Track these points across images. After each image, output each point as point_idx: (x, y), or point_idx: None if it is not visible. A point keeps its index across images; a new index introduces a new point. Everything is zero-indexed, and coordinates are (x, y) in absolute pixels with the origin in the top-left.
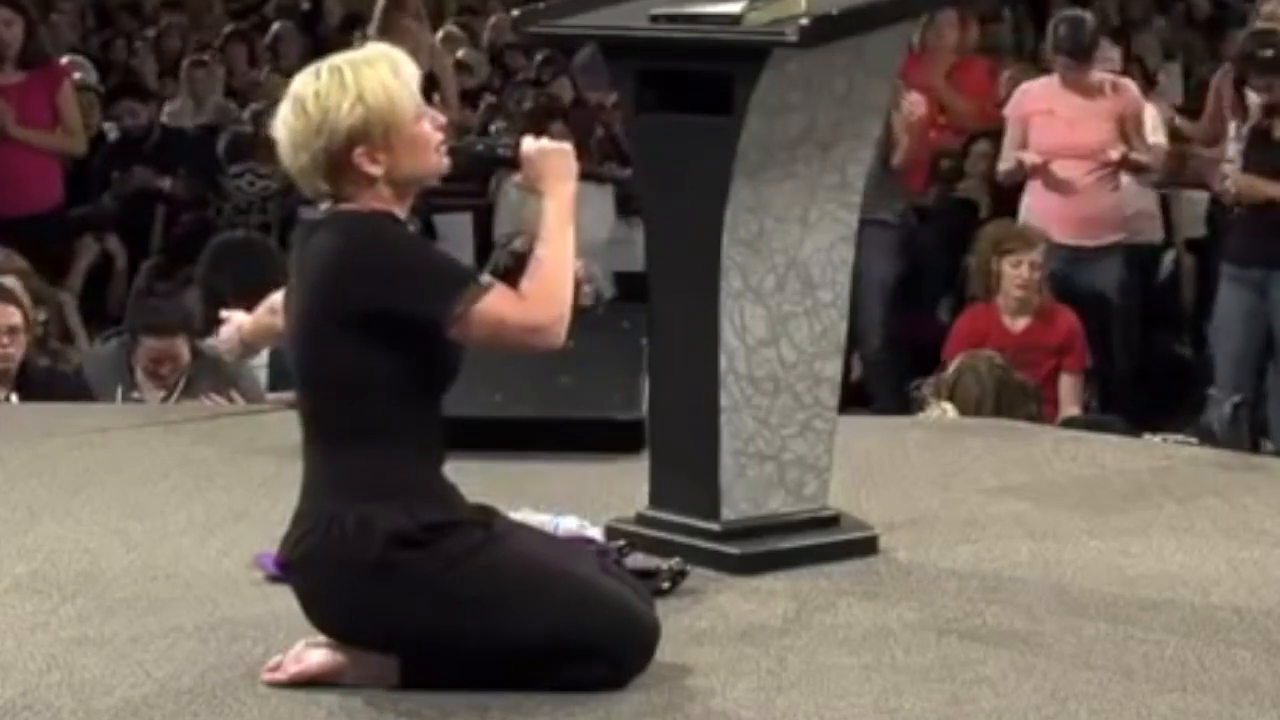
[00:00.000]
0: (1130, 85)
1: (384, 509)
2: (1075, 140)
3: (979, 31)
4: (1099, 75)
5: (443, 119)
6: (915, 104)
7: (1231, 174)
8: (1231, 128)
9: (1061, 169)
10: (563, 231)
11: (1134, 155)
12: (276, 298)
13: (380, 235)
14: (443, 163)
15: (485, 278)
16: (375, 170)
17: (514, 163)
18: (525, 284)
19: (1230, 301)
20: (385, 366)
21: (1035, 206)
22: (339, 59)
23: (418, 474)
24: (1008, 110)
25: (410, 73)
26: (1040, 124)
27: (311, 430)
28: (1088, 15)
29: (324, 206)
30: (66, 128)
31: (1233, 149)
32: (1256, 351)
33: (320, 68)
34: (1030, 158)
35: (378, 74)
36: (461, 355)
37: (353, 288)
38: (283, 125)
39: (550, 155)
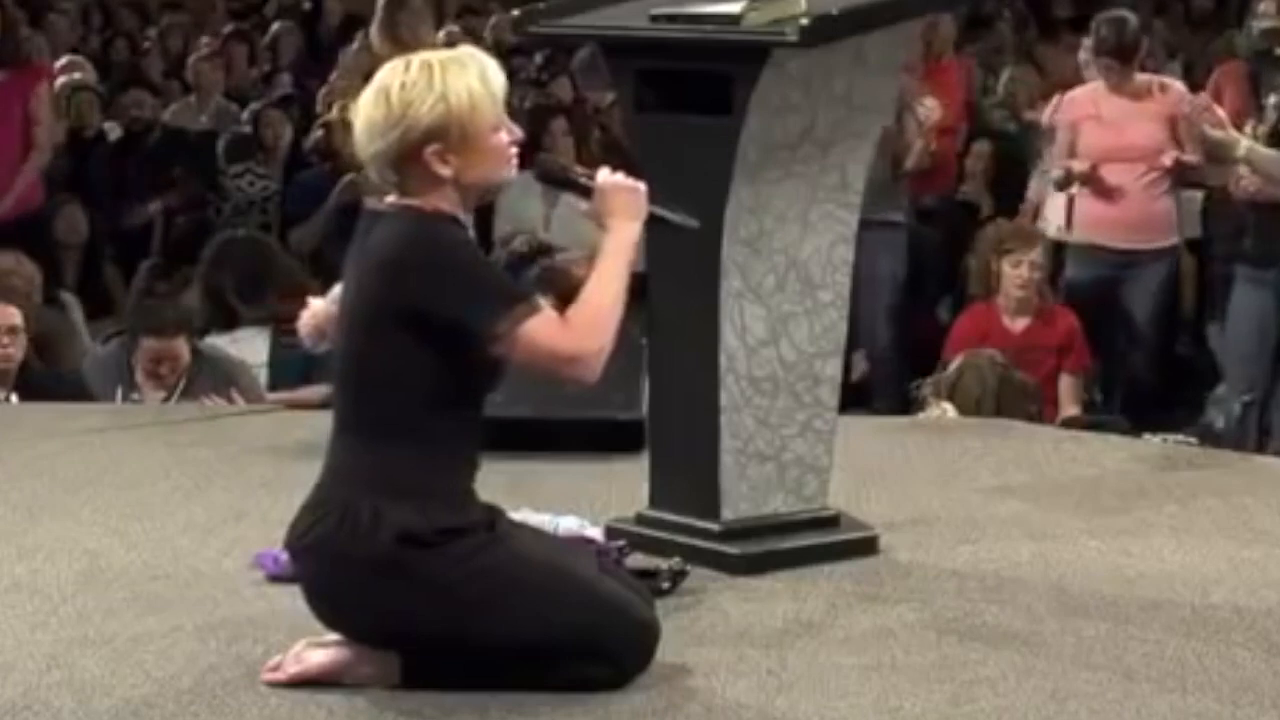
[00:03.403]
0: (1178, 85)
1: (399, 507)
2: (1124, 144)
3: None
4: (1145, 76)
5: (519, 133)
6: (931, 108)
7: (1248, 176)
8: (1248, 128)
9: (1111, 174)
10: (618, 268)
11: (1186, 157)
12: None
13: (440, 238)
14: (512, 175)
15: (537, 300)
16: (445, 171)
17: (588, 191)
18: (572, 313)
19: (1245, 302)
20: (425, 368)
21: (1086, 213)
22: (433, 55)
23: (441, 477)
24: (1056, 117)
25: (499, 82)
26: (1089, 129)
27: (344, 420)
28: (1131, 15)
29: (389, 199)
30: (35, 134)
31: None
32: (1269, 352)
33: (411, 60)
34: (1079, 165)
35: (465, 77)
36: (503, 368)
37: (404, 285)
38: (363, 111)
39: (623, 192)
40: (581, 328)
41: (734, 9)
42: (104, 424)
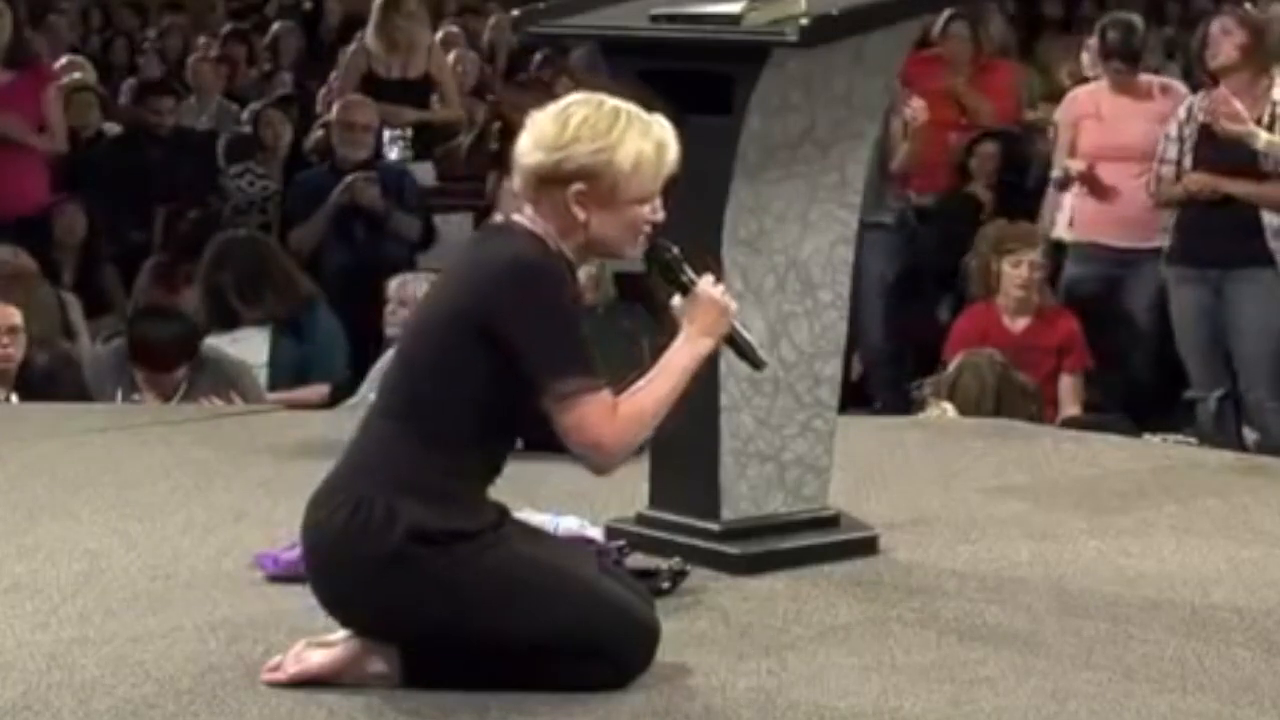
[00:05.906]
0: (1179, 87)
1: (416, 505)
2: (1120, 141)
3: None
4: (1147, 77)
5: (662, 215)
6: (918, 109)
7: (1186, 174)
8: (1173, 126)
9: (1106, 172)
10: (678, 377)
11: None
12: None
13: (547, 273)
14: (634, 253)
15: (601, 380)
16: (578, 214)
17: (685, 290)
18: (620, 404)
19: (1185, 303)
20: (480, 383)
21: (1082, 210)
22: (630, 107)
23: (465, 483)
24: (1057, 116)
25: (670, 160)
26: (1087, 128)
27: (388, 407)
28: (1136, 18)
29: (516, 216)
30: (50, 129)
31: (1173, 150)
32: (1220, 346)
33: (609, 102)
34: (1076, 166)
35: (643, 142)
36: (550, 419)
37: (492, 300)
38: (540, 121)
39: (715, 308)
40: (625, 422)
41: (734, 9)
42: (104, 424)
